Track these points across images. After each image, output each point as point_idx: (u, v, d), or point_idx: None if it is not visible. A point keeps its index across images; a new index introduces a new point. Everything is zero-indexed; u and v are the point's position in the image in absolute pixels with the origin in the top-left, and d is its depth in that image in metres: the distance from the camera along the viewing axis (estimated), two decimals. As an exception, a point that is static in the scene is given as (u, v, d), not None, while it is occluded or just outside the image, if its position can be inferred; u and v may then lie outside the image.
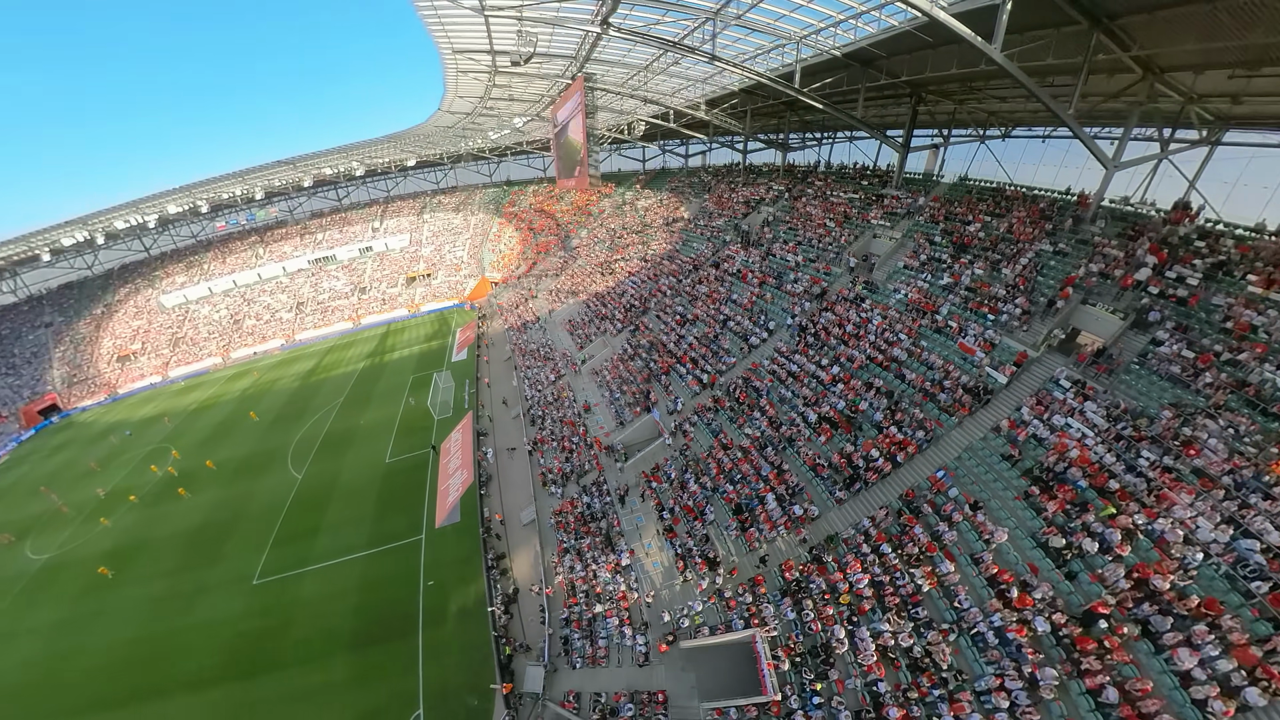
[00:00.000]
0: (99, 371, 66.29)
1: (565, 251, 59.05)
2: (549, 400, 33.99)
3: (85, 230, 64.66)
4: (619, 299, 41.26)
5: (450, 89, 36.90)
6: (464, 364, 43.83)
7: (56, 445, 54.30)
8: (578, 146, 35.16)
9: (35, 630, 26.34)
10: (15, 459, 54.13)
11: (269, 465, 34.34)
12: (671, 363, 29.93)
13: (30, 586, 30.24)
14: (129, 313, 72.02)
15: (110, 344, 69.00)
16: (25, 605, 28.62)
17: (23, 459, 53.57)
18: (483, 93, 38.35)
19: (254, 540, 27.35)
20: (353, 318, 65.05)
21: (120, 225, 66.26)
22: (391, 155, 65.41)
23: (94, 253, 73.97)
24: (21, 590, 30.06)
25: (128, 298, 73.48)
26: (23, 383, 63.77)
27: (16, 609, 28.57)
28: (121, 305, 72.86)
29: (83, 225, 63.56)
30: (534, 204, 75.00)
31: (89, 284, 75.37)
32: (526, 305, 51.37)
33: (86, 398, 63.34)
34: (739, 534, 18.89)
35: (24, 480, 47.51)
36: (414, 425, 35.18)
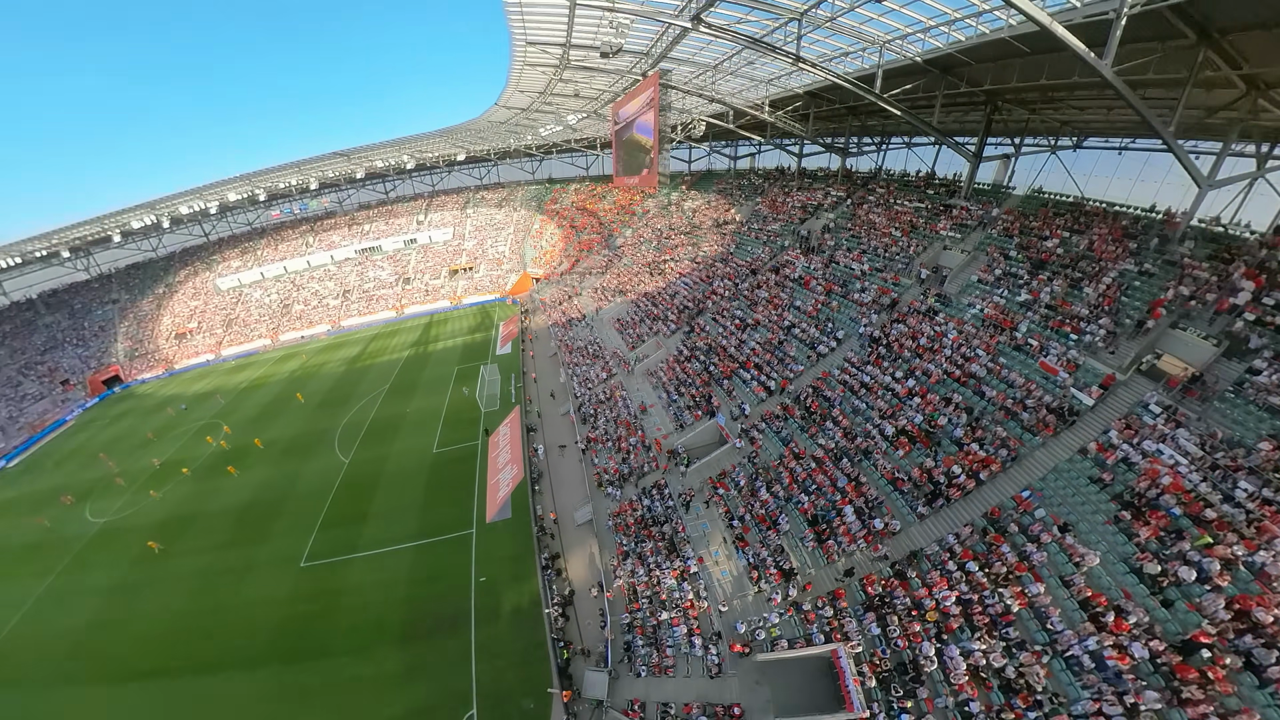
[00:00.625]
0: (158, 347, 69.56)
1: (609, 250, 58.61)
2: (601, 399, 33.27)
3: (153, 214, 67.95)
4: (670, 300, 40.40)
5: (512, 82, 36.82)
6: (509, 358, 43.60)
7: (117, 414, 56.97)
8: (645, 144, 34.50)
9: (92, 591, 27.08)
10: (80, 424, 57.17)
11: (316, 448, 34.65)
12: (734, 367, 29.11)
13: (88, 548, 31.24)
14: (187, 293, 75.39)
15: (169, 322, 72.34)
16: (83, 566, 29.57)
17: (86, 425, 56.42)
18: (544, 87, 38.17)
19: (302, 522, 27.41)
20: (396, 307, 66.18)
21: (184, 210, 69.34)
22: (441, 149, 66.45)
23: (159, 236, 77.94)
24: (80, 552, 31.09)
25: (187, 279, 77.02)
26: (90, 354, 67.50)
27: (75, 570, 29.52)
28: (181, 286, 76.39)
29: (150, 209, 66.78)
30: (576, 202, 75.03)
31: (153, 265, 79.45)
32: (571, 302, 51.02)
33: (146, 371, 66.75)
34: (815, 545, 18.41)
35: (86, 445, 49.80)
36: (461, 416, 34.93)
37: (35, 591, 28.30)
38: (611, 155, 45.50)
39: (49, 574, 29.55)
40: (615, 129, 40.67)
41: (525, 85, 38.09)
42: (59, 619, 25.75)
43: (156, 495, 34.19)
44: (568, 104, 43.37)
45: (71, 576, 28.83)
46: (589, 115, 45.22)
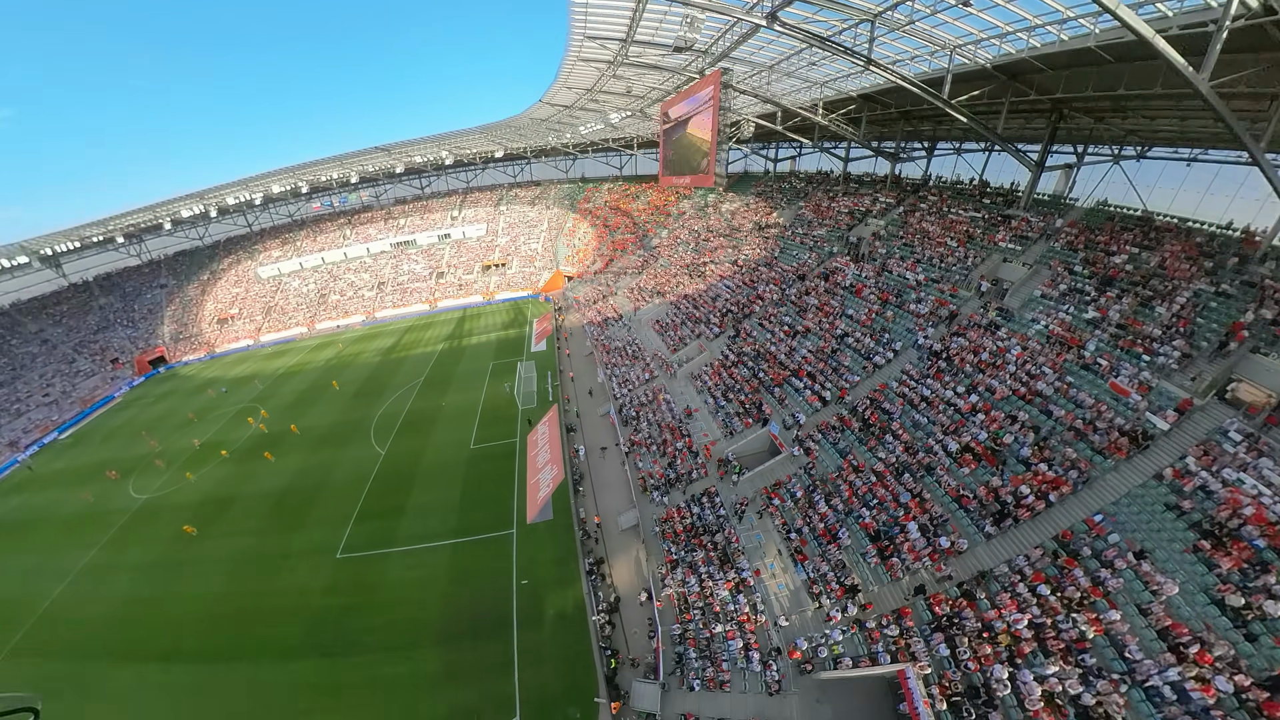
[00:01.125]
0: (201, 331, 71.85)
1: (644, 250, 58.01)
2: (642, 401, 32.52)
3: (201, 204, 70.25)
4: (712, 303, 39.50)
5: (561, 78, 36.55)
6: (544, 355, 43.20)
7: (161, 393, 58.80)
8: (700, 143, 33.83)
9: (131, 567, 27.49)
10: (126, 401, 59.29)
11: (352, 437, 34.69)
12: (785, 375, 28.14)
13: (130, 524, 31.85)
14: (230, 281, 77.79)
15: (212, 307, 74.68)
16: (124, 542, 30.08)
17: (132, 402, 58.44)
18: (592, 84, 37.83)
19: (338, 512, 27.28)
20: (429, 300, 66.83)
21: (230, 201, 71.55)
22: (480, 146, 66.96)
23: (206, 225, 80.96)
24: (122, 527, 31.71)
25: (229, 267, 79.57)
26: (139, 335, 70.17)
27: (117, 544, 30.08)
28: (224, 274, 78.97)
29: (200, 199, 69.02)
30: (609, 201, 74.73)
31: (199, 253, 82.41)
32: (606, 301, 50.50)
33: (189, 353, 69.05)
34: (879, 562, 17.73)
35: (131, 422, 51.41)
36: (498, 413, 34.51)
37: (79, 564, 28.96)
38: (658, 154, 44.81)
39: (92, 547, 30.25)
40: (664, 127, 40.05)
41: (574, 81, 37.78)
42: (98, 592, 26.21)
43: (192, 478, 34.73)
44: (614, 101, 42.94)
45: (112, 551, 29.42)
46: (633, 114, 44.71)
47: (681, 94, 34.91)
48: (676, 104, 36.64)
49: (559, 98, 44.24)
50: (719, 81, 29.17)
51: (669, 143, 40.38)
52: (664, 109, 39.57)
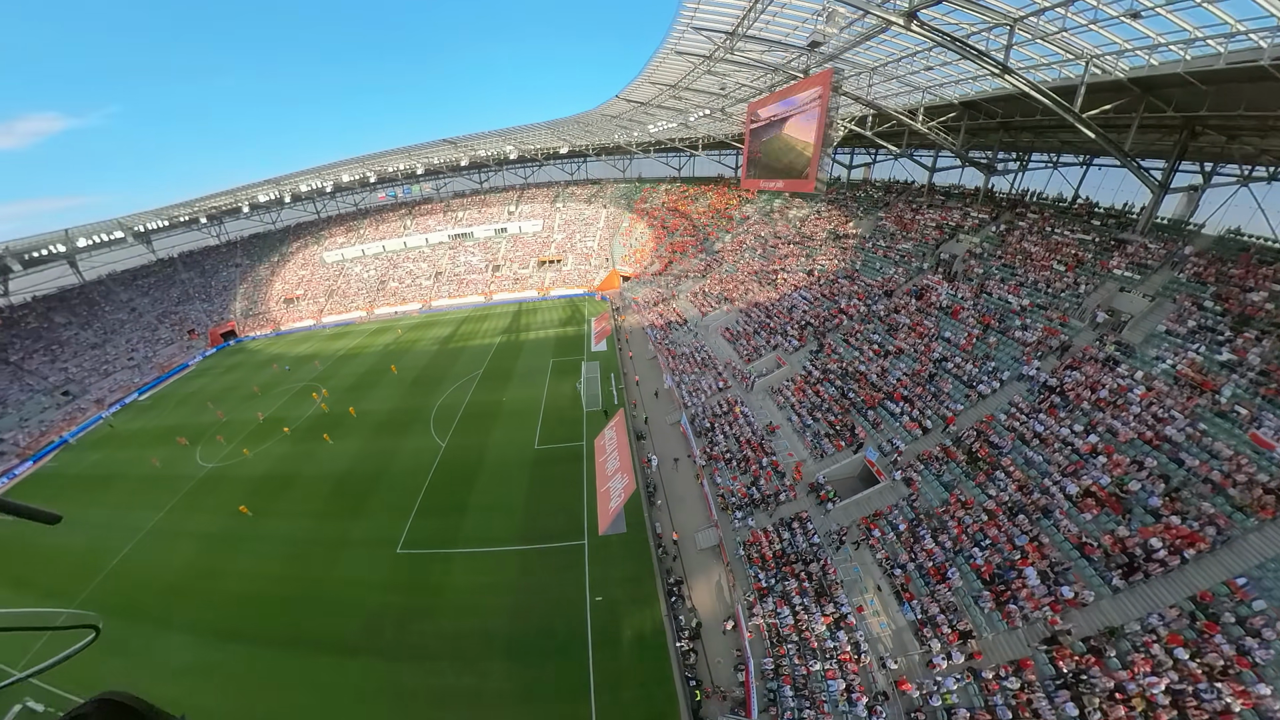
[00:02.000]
0: (269, 309, 75.22)
1: (706, 254, 56.20)
2: (716, 412, 30.70)
3: (277, 189, 73.58)
4: (788, 313, 37.31)
5: (647, 71, 35.47)
6: (605, 356, 41.84)
7: (230, 365, 61.48)
8: (799, 147, 32.00)
9: (193, 535, 27.73)
10: (198, 370, 62.40)
11: (411, 426, 34.26)
12: (879, 397, 25.93)
13: (195, 490, 32.45)
14: (297, 264, 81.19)
15: (280, 287, 78.06)
16: (189, 508, 30.55)
17: (204, 372, 61.35)
18: (677, 80, 36.56)
19: (398, 503, 26.57)
20: (485, 293, 67.22)
21: (303, 188, 74.64)
22: (544, 141, 67.05)
23: (279, 210, 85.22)
24: (187, 493, 32.32)
25: (297, 251, 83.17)
26: (214, 309, 74.34)
27: (182, 510, 30.60)
28: (292, 256, 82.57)
29: (275, 185, 72.23)
30: (667, 203, 73.36)
31: (271, 236, 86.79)
32: (668, 305, 48.91)
33: (256, 329, 72.29)
34: (994, 607, 16.24)
35: (201, 391, 53.65)
36: (562, 414, 33.22)
37: (147, 524, 29.70)
38: (742, 156, 42.94)
39: (159, 509, 30.98)
40: (752, 127, 38.22)
41: (660, 76, 36.64)
42: (162, 556, 26.54)
43: (249, 454, 35.09)
44: (695, 99, 41.46)
45: (178, 516, 29.95)
46: (712, 113, 43.13)
47: (777, 94, 33.03)
48: (769, 104, 34.78)
49: (638, 93, 43.25)
50: (830, 83, 27.27)
51: (757, 144, 38.49)
52: (752, 108, 37.74)
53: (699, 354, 38.17)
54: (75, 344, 64.31)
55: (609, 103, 46.58)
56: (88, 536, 29.89)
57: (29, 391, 55.80)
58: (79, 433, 50.53)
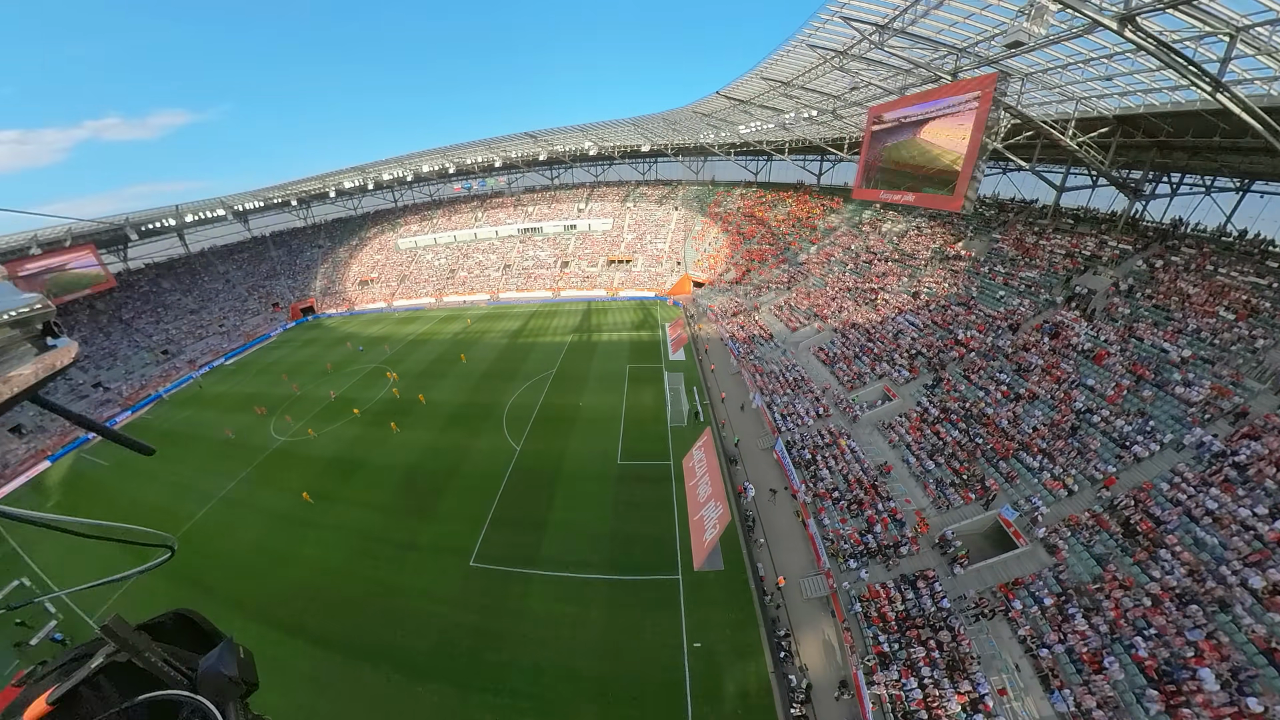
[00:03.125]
0: (345, 289, 78.28)
1: (789, 266, 52.54)
2: (818, 443, 27.44)
3: (361, 177, 76.34)
4: (894, 339, 33.40)
5: (763, 67, 32.75)
6: (685, 366, 39.09)
7: (306, 340, 63.78)
8: (939, 154, 28.37)
9: (261, 510, 27.28)
10: (279, 341, 65.29)
11: (484, 423, 32.78)
12: (1012, 447, 22.17)
13: (266, 464, 32.43)
14: (373, 248, 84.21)
15: (356, 269, 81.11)
16: (259, 481, 30.41)
17: (283, 344, 63.97)
18: (794, 77, 33.54)
19: (471, 509, 24.79)
20: (553, 288, 66.46)
21: (386, 176, 77.15)
22: (625, 139, 65.50)
23: (360, 198, 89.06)
24: (259, 465, 32.35)
25: (374, 237, 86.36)
26: (296, 285, 78.45)
27: (253, 482, 30.52)
28: (370, 241, 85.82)
29: (360, 173, 74.87)
30: (742, 208, 70.01)
31: (351, 221, 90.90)
32: (749, 317, 45.70)
33: (332, 307, 75.40)
34: (1163, 708, 13.18)
35: (280, 363, 55.49)
36: (644, 427, 30.62)
37: (219, 492, 29.84)
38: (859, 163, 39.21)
39: (232, 478, 31.15)
40: (874, 129, 34.64)
41: (775, 72, 33.83)
42: (230, 529, 26.22)
43: (313, 434, 34.83)
44: (807, 98, 38.18)
45: (248, 489, 29.84)
46: (822, 114, 39.67)
47: (913, 96, 29.44)
48: (899, 107, 31.17)
49: (741, 90, 40.59)
50: (993, 88, 23.66)
51: (878, 150, 34.83)
52: (875, 112, 34.16)
53: (790, 373, 34.82)
54: (177, 308, 69.14)
55: (706, 99, 44.16)
56: (166, 495, 30.60)
57: (135, 348, 60.32)
58: (172, 389, 53.92)
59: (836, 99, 37.46)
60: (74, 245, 55.82)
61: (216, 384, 52.96)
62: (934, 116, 28.30)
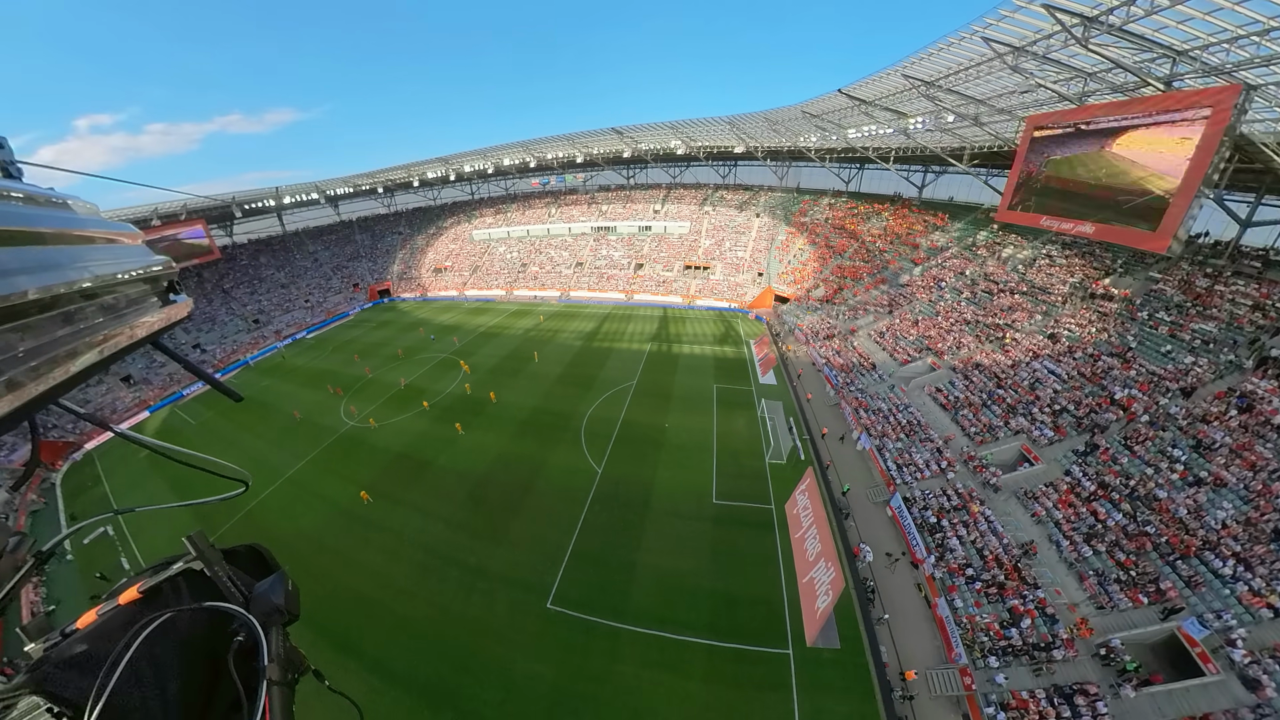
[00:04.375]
0: (420, 275, 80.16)
1: (889, 287, 47.31)
2: (944, 504, 23.07)
3: (444, 167, 77.69)
4: (1030, 389, 28.12)
5: (906, 64, 28.61)
6: (777, 392, 35.06)
7: (381, 321, 65.18)
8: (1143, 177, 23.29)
9: (324, 499, 26.14)
10: (356, 321, 67.52)
11: (560, 435, 30.19)
12: (1194, 544, 17.13)
13: (333, 448, 31.68)
14: (448, 238, 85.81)
15: (432, 257, 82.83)
16: (324, 468, 29.43)
17: (359, 323, 65.88)
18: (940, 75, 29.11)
19: (548, 537, 22.14)
20: (626, 290, 64.22)
21: (467, 168, 78.14)
22: (717, 138, 62.20)
23: (439, 188, 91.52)
24: (327, 448, 31.67)
25: (451, 227, 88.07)
26: (376, 268, 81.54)
27: (319, 466, 29.67)
28: (446, 231, 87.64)
29: (444, 163, 76.09)
30: (831, 219, 64.77)
31: (430, 211, 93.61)
32: (845, 342, 41.11)
33: (407, 292, 77.41)
34: None
35: (354, 342, 56.36)
36: (740, 461, 26.94)
37: (286, 471, 29.29)
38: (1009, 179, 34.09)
39: (300, 459, 30.63)
40: (1032, 137, 29.65)
41: (921, 70, 29.56)
42: (293, 515, 25.24)
43: (374, 424, 33.86)
44: (951, 100, 33.46)
45: (313, 473, 28.99)
46: (963, 120, 34.76)
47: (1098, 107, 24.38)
48: (1076, 117, 26.10)
49: (867, 89, 36.35)
50: (1233, 104, 18.58)
51: (1039, 162, 29.74)
52: (1036, 120, 29.07)
53: (902, 414, 30.25)
54: (270, 282, 73.06)
55: (822, 97, 40.19)
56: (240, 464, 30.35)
57: (231, 315, 64.38)
58: (258, 357, 56.53)
59: (981, 103, 32.54)
60: (188, 219, 60.21)
61: (297, 356, 54.81)
62: (1137, 125, 23.10)
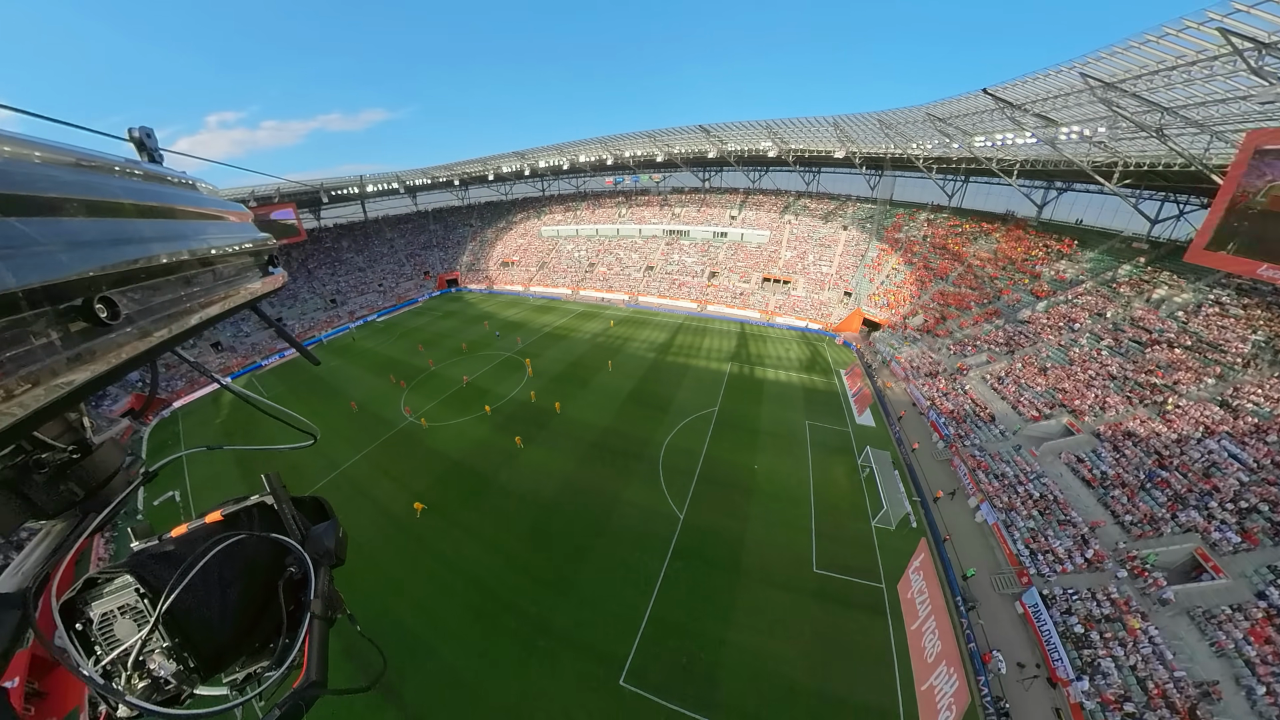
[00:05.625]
0: (487, 268, 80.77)
1: (1006, 321, 40.95)
2: (1094, 613, 18.09)
3: (520, 162, 77.38)
4: (1201, 474, 22.10)
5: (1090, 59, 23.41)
6: (877, 437, 30.08)
7: (447, 311, 65.65)
8: None
9: (374, 502, 24.58)
10: (423, 308, 68.79)
11: (635, 466, 26.52)
12: None
13: (390, 444, 30.46)
14: (517, 233, 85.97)
15: (500, 251, 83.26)
16: (379, 465, 28.12)
17: (426, 311, 66.97)
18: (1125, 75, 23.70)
19: (620, 594, 18.92)
20: (699, 300, 60.77)
21: (542, 164, 77.45)
22: (817, 140, 57.38)
23: (512, 183, 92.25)
24: (384, 443, 30.45)
25: (520, 222, 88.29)
26: (446, 258, 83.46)
27: (374, 461, 28.41)
28: (515, 226, 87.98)
29: (519, 158, 75.67)
30: (930, 236, 58.22)
31: (501, 205, 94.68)
32: (954, 383, 35.32)
33: (474, 283, 78.49)
34: None
35: (420, 331, 56.55)
36: (840, 520, 22.65)
37: (343, 463, 28.29)
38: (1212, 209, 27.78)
39: (357, 451, 29.64)
40: (1250, 156, 23.62)
41: (1102, 69, 24.25)
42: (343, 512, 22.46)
43: (426, 425, 32.37)
44: (1131, 107, 27.65)
45: (368, 470, 27.65)
46: (1147, 131, 28.70)
47: None
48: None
49: (1021, 90, 30.93)
50: None
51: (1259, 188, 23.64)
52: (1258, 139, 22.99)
53: (1034, 485, 24.92)
54: (348, 265, 75.90)
55: (955, 99, 35.00)
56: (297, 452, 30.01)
57: (311, 294, 67.35)
58: (330, 335, 58.45)
59: (1167, 111, 26.47)
60: (280, 202, 63.44)
61: (366, 339, 55.82)
62: None
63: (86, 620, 1.25)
